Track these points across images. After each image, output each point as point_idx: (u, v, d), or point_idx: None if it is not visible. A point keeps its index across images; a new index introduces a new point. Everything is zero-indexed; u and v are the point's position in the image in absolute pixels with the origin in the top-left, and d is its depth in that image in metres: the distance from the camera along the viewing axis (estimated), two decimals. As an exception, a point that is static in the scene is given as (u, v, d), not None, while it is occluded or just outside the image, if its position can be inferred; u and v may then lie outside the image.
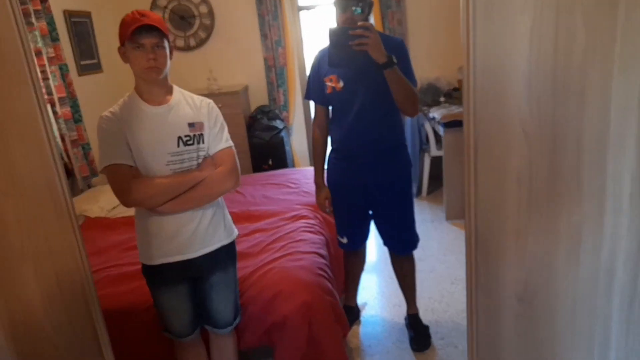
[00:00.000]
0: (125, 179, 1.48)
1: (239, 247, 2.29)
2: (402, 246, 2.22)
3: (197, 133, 1.58)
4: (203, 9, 4.11)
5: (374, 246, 3.16)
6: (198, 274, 1.66)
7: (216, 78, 4.05)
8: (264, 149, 3.85)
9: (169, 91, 1.59)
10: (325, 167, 2.24)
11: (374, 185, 2.09)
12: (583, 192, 1.16)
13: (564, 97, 1.10)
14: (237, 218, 2.63)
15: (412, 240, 2.21)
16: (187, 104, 1.60)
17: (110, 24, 3.96)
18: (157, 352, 1.91)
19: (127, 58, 1.50)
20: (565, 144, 1.13)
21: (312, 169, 3.49)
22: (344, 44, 1.73)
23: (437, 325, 2.34)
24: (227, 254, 1.72)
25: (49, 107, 3.01)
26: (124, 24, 1.48)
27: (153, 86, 1.54)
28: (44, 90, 2.99)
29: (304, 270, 2.04)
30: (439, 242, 3.15)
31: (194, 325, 1.74)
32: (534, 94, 1.11)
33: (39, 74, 2.97)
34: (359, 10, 1.85)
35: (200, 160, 1.61)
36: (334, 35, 1.76)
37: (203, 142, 1.59)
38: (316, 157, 2.22)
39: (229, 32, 4.15)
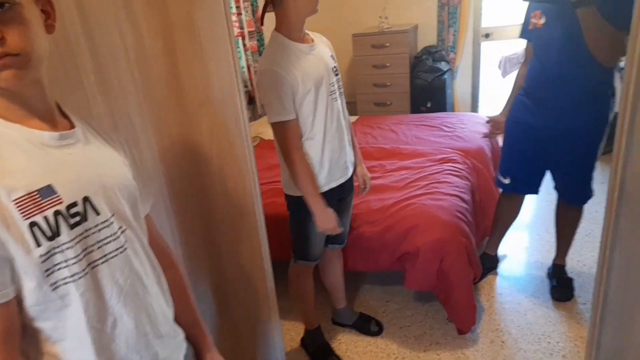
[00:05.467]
0: (297, 139, 1.61)
1: (384, 181, 2.46)
2: (574, 197, 2.13)
3: (336, 64, 1.73)
4: (382, -57, 4.08)
5: (532, 199, 3.01)
6: (345, 194, 1.85)
7: (387, 16, 4.08)
8: (425, 91, 3.83)
9: None
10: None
11: (561, 132, 1.99)
12: None
13: None
14: (387, 154, 2.78)
15: (586, 194, 2.09)
16: (319, 40, 1.71)
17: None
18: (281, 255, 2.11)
19: None
20: None
21: (470, 115, 3.38)
22: None
23: (581, 290, 2.21)
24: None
25: (239, 40, 3.47)
26: None
27: (304, 25, 1.62)
28: (236, 24, 3.44)
29: (442, 209, 2.11)
30: (603, 206, 2.81)
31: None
32: None
33: (235, 10, 3.41)
34: None
35: (342, 90, 1.74)
36: None
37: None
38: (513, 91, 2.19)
39: (405, -32, 4.07)
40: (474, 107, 4.28)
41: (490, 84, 4.91)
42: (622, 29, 1.71)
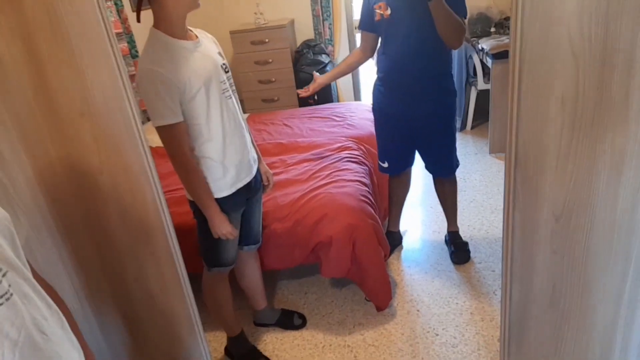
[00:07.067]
0: (185, 143, 1.49)
1: (287, 175, 2.44)
2: (443, 171, 2.33)
3: (225, 62, 1.64)
4: (248, -61, 4.02)
5: (417, 177, 3.22)
6: (252, 192, 1.78)
7: (262, 12, 4.04)
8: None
9: None
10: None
11: (417, 115, 2.15)
12: (631, 113, 1.16)
13: (618, 15, 1.08)
14: (285, 149, 2.77)
15: (452, 166, 2.31)
16: (204, 37, 1.61)
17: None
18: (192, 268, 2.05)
19: None
20: (615, 64, 1.12)
21: (356, 103, 3.52)
22: None
23: (476, 251, 2.44)
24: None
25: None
26: None
27: (185, 20, 1.49)
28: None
29: (348, 196, 2.16)
30: (481, 174, 3.17)
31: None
32: (586, 12, 1.10)
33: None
34: None
35: (234, 88, 1.66)
36: None
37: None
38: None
39: (274, -37, 4.07)
40: (357, 96, 4.47)
41: (368, 73, 5.17)
42: (464, 15, 1.93)
